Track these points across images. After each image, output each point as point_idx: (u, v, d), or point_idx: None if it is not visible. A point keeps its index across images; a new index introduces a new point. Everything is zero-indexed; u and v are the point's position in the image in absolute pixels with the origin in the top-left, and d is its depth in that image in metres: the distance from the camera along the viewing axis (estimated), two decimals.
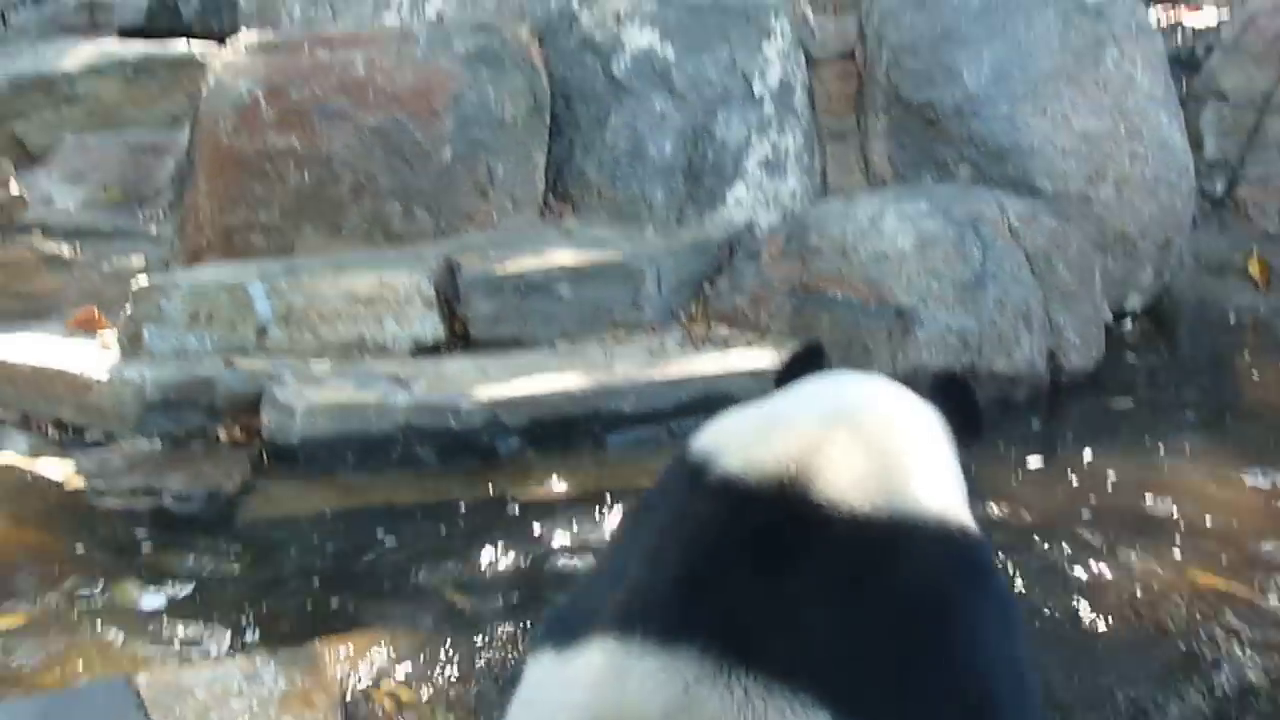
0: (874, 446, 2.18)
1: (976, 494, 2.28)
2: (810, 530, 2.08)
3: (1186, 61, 7.05)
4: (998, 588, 2.21)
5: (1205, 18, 7.75)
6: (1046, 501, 4.42)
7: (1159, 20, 7.19)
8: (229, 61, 5.68)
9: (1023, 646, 2.21)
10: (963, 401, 2.42)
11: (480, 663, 3.37)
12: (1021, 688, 2.18)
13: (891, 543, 2.09)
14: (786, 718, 1.98)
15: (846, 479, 2.11)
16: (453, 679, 3.32)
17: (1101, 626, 3.58)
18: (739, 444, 2.19)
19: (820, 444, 2.14)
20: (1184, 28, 7.53)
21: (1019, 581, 3.79)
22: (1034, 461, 4.75)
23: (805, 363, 2.52)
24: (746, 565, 2.08)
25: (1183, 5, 8.34)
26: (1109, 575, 3.87)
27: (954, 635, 2.08)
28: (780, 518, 2.09)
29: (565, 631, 2.22)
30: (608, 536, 3.85)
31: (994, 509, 4.32)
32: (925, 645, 2.05)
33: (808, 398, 2.35)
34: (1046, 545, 4.06)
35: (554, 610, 2.51)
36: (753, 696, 2.00)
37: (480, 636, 3.48)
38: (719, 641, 2.02)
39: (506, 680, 3.04)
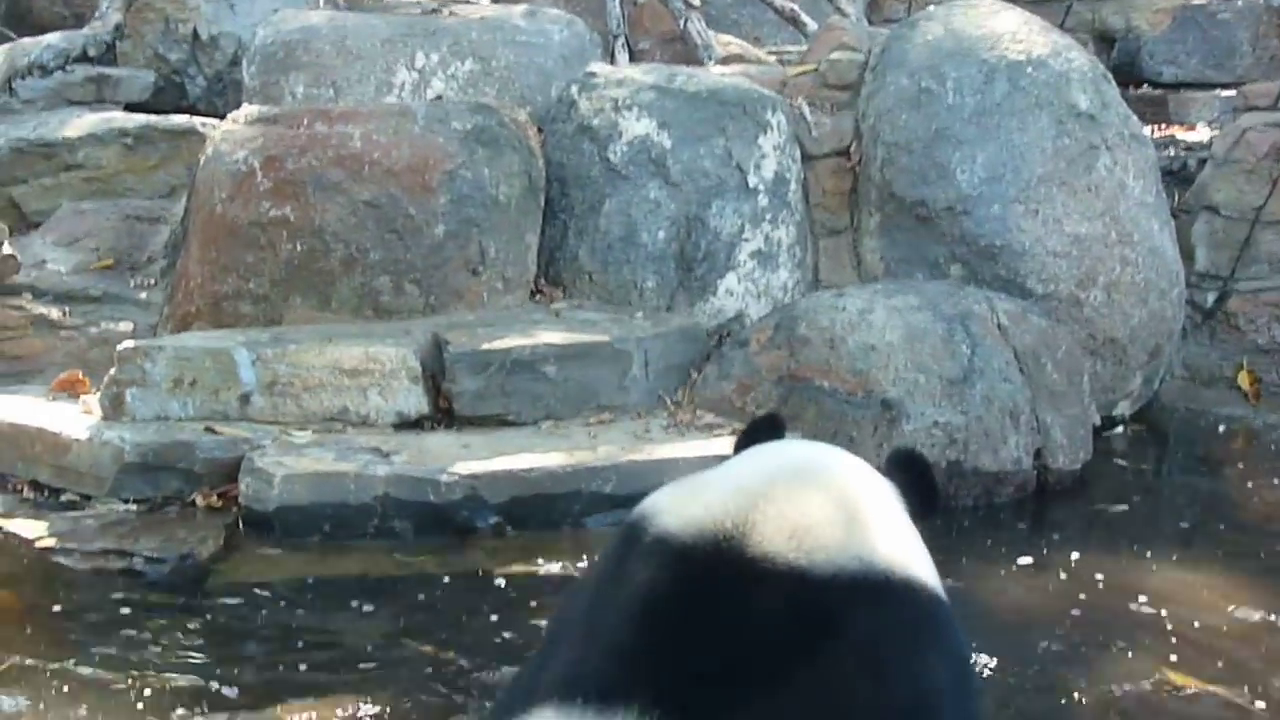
0: (817, 502, 2.09)
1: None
2: (747, 586, 2.00)
3: (1179, 174, 7.10)
4: (950, 644, 2.11)
5: (1197, 133, 7.83)
6: (1031, 600, 4.38)
7: (1152, 133, 7.26)
8: (228, 131, 5.72)
9: (974, 701, 2.13)
10: (918, 476, 2.31)
11: None
12: None
13: (830, 597, 2.01)
14: None
15: (785, 534, 2.02)
16: None
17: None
18: (676, 504, 2.12)
19: (759, 499, 2.05)
20: (1176, 141, 7.61)
21: (1000, 678, 3.73)
22: (1019, 560, 4.70)
23: (763, 432, 2.44)
24: (685, 625, 2.00)
25: (1175, 123, 8.45)
26: (1090, 674, 3.81)
27: (898, 692, 2.01)
28: (716, 574, 2.01)
29: (505, 711, 2.17)
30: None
31: (978, 603, 4.28)
32: (868, 700, 1.98)
33: (751, 461, 2.27)
34: (1029, 643, 4.00)
35: (500, 693, 2.47)
36: None
37: (444, 708, 3.41)
38: (660, 704, 1.96)
39: None
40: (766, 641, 1.99)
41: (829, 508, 2.09)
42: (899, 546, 2.11)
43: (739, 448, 2.38)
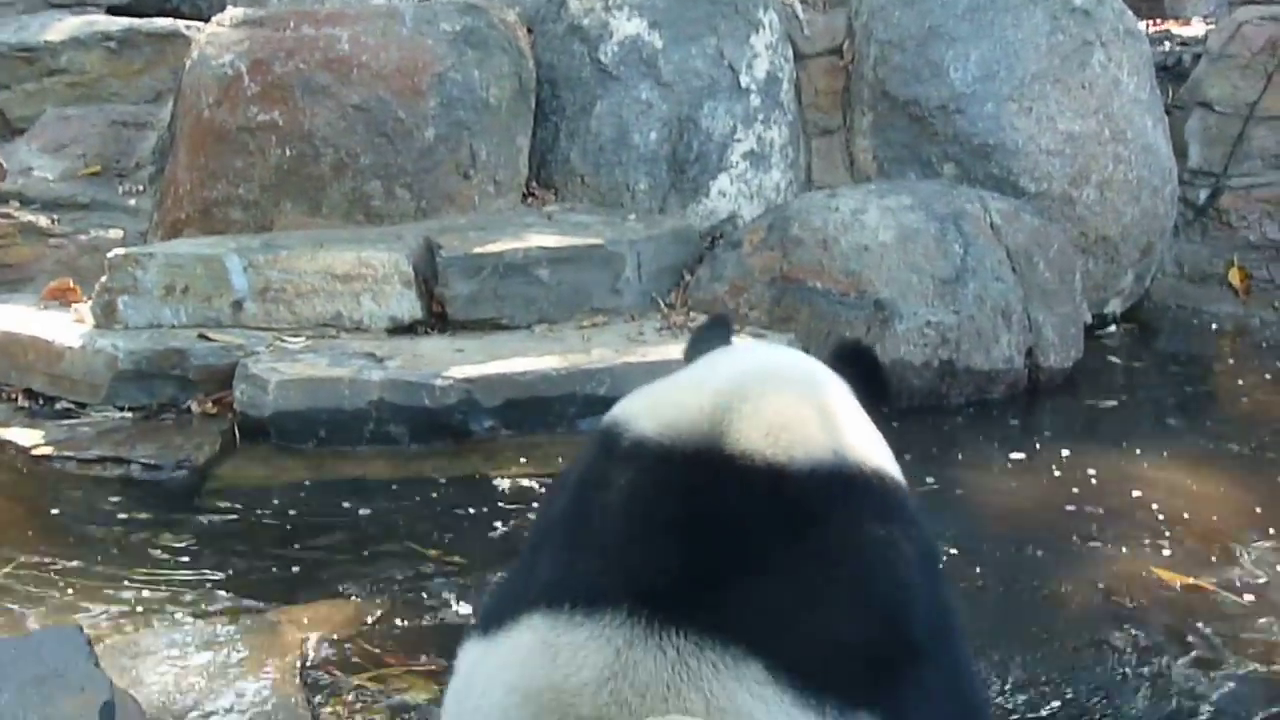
0: (788, 401, 2.18)
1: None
2: (728, 484, 2.07)
3: (1173, 70, 7.04)
4: (916, 530, 2.21)
5: (1193, 28, 7.76)
6: (1023, 495, 4.42)
7: (1147, 28, 7.19)
8: (213, 35, 5.65)
9: (944, 586, 2.23)
10: (868, 370, 2.42)
11: (442, 634, 3.34)
12: (943, 625, 2.20)
13: (809, 491, 2.09)
14: (720, 672, 1.98)
15: (761, 432, 2.10)
16: (414, 649, 3.28)
17: (1066, 613, 3.56)
18: (652, 409, 2.18)
19: (732, 402, 2.13)
20: (1171, 36, 7.54)
21: (990, 571, 3.79)
22: (1012, 456, 4.74)
23: (712, 337, 2.54)
24: (669, 525, 2.07)
25: (1171, 18, 8.37)
26: (1079, 568, 3.85)
27: (875, 577, 2.09)
28: (698, 474, 2.08)
29: (493, 618, 2.21)
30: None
31: (970, 500, 4.33)
32: (848, 589, 2.06)
33: (716, 364, 2.35)
34: (1020, 538, 4.04)
35: (485, 602, 2.53)
36: (685, 655, 1.99)
37: (443, 607, 3.45)
38: (647, 604, 2.02)
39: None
40: (751, 536, 2.06)
41: (800, 406, 2.17)
42: (865, 440, 2.21)
43: (692, 350, 2.48)
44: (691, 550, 2.06)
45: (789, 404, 2.17)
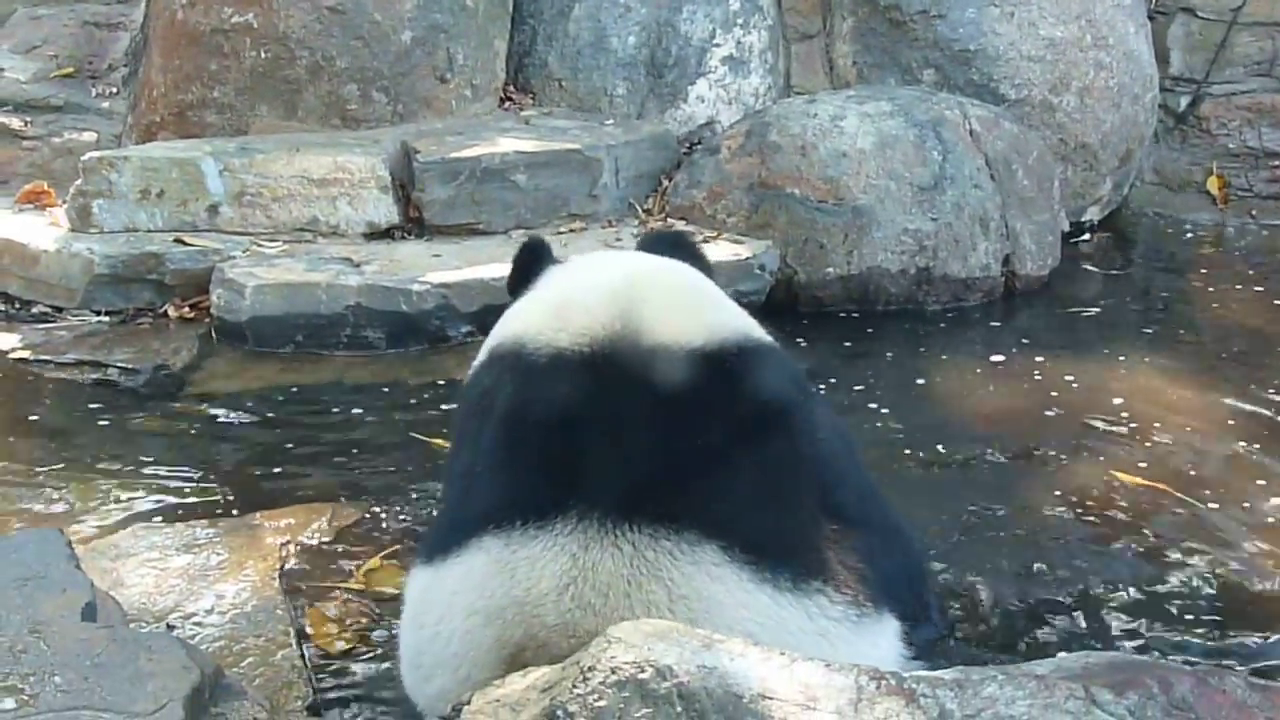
0: (678, 294, 2.32)
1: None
2: (653, 374, 2.16)
3: None
4: (811, 390, 2.45)
5: None
6: (997, 396, 4.46)
7: None
8: None
9: (846, 431, 2.47)
10: (692, 253, 2.61)
11: (421, 538, 3.37)
12: (857, 469, 2.46)
13: (729, 368, 2.21)
14: (678, 559, 2.03)
15: (671, 323, 2.21)
16: (392, 554, 3.31)
17: (1027, 508, 3.60)
18: (554, 324, 2.25)
19: (633, 303, 2.23)
20: None
21: (958, 465, 3.84)
22: (989, 359, 4.77)
23: (537, 259, 2.64)
24: (606, 426, 2.13)
25: None
26: (1046, 465, 3.90)
27: (799, 437, 2.25)
28: (623, 371, 2.17)
29: (436, 547, 2.25)
30: None
31: (946, 399, 4.38)
32: (779, 452, 2.19)
33: (586, 275, 2.44)
34: (991, 433, 4.09)
35: (425, 536, 2.58)
36: (641, 548, 2.04)
37: (422, 511, 3.48)
38: (597, 506, 2.06)
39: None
40: (683, 419, 2.15)
41: (689, 295, 2.33)
42: (742, 317, 2.39)
43: (521, 273, 2.61)
44: (633, 446, 2.12)
45: (681, 295, 2.31)
